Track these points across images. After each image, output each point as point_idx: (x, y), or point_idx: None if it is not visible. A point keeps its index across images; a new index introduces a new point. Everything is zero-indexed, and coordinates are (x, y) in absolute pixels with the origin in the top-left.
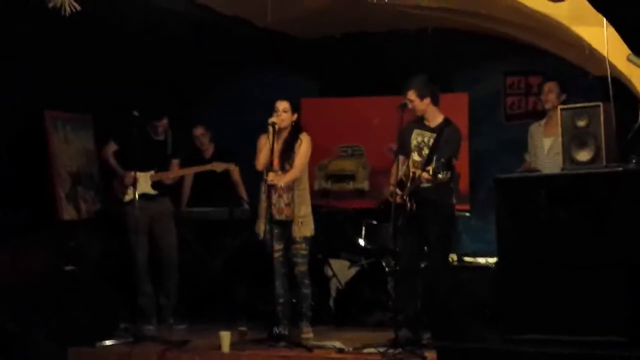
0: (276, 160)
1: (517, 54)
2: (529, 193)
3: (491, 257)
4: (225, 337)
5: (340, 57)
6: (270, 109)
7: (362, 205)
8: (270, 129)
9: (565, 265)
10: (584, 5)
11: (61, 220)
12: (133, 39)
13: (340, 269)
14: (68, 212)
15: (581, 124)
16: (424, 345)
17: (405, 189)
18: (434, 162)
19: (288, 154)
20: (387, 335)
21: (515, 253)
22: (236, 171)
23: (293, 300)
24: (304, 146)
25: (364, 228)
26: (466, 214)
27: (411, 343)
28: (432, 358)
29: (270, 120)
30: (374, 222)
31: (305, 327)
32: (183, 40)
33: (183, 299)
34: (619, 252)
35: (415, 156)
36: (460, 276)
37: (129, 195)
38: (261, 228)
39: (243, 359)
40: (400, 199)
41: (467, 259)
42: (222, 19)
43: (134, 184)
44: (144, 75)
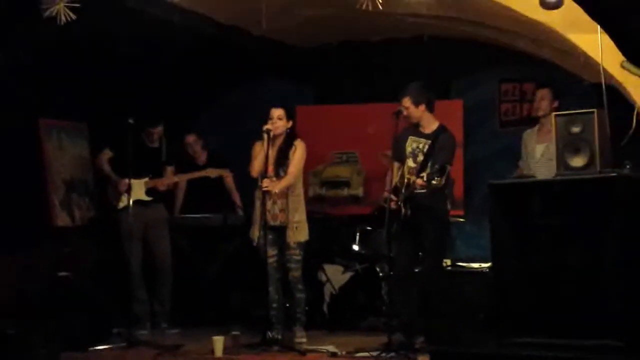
0: (271, 167)
1: (512, 61)
2: (523, 199)
3: (485, 263)
4: (218, 342)
5: (335, 65)
6: (265, 117)
7: (357, 211)
8: (265, 136)
9: (560, 270)
10: (578, 13)
11: (55, 227)
12: (128, 47)
13: (334, 274)
14: (62, 219)
15: (575, 130)
16: (417, 349)
17: (400, 195)
18: (428, 169)
19: (282, 160)
20: (381, 339)
21: (510, 258)
22: (230, 177)
23: (287, 305)
24: (298, 153)
25: (358, 234)
26: (461, 219)
27: (404, 347)
28: None
29: (265, 127)
30: (369, 228)
31: (298, 332)
32: (178, 48)
33: (177, 304)
34: (613, 257)
35: (410, 162)
36: (455, 281)
37: (123, 202)
38: (255, 234)
39: None
40: (395, 205)
41: (462, 264)
42: (218, 28)
43: (128, 191)
44: (139, 84)
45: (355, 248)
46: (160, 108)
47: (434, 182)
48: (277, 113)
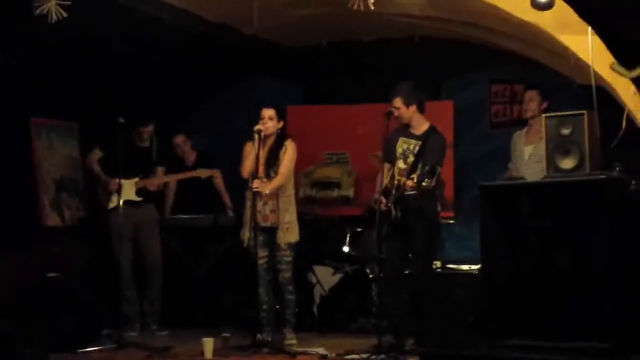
0: (261, 168)
1: (503, 62)
2: (513, 200)
3: (475, 264)
4: (208, 343)
5: (326, 65)
6: (256, 117)
7: (347, 212)
8: (256, 136)
9: (549, 272)
10: (569, 14)
11: (45, 227)
12: (119, 46)
13: (324, 276)
14: (52, 219)
15: (565, 132)
16: (407, 351)
17: (390, 197)
18: (418, 170)
19: (273, 161)
20: (371, 341)
21: (499, 260)
22: (219, 178)
23: (277, 307)
24: (288, 153)
25: (348, 235)
26: (451, 221)
27: (394, 349)
28: None
29: (255, 127)
30: (359, 229)
31: (288, 334)
32: (169, 47)
33: (167, 305)
34: (602, 260)
35: (401, 164)
36: (445, 283)
37: (113, 202)
38: (246, 235)
39: None
40: (385, 207)
41: (452, 266)
42: (208, 26)
43: (119, 191)
44: (129, 83)
45: (346, 249)
46: (151, 107)
47: (424, 184)
48: (268, 113)
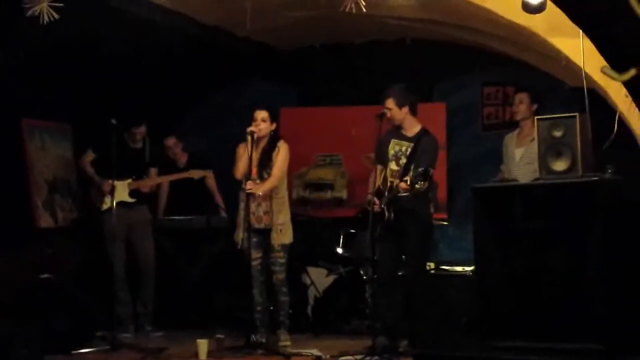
0: (254, 169)
1: (495, 65)
2: (506, 202)
3: (468, 266)
4: (202, 345)
5: (319, 67)
6: (249, 118)
7: (341, 214)
8: (249, 137)
9: (542, 273)
10: (561, 17)
11: (38, 228)
12: (112, 48)
13: (318, 277)
14: (45, 220)
15: (557, 134)
16: (400, 352)
17: (383, 198)
18: (411, 172)
19: (266, 162)
20: (365, 343)
21: (492, 261)
22: (211, 178)
23: (271, 308)
24: (281, 154)
25: (342, 236)
26: (444, 222)
27: (388, 351)
28: None
29: (248, 129)
30: (352, 231)
31: (282, 335)
32: (162, 49)
33: (160, 306)
34: (595, 261)
35: (393, 165)
36: (438, 284)
37: (106, 204)
38: (240, 236)
39: None
40: (378, 208)
41: (445, 267)
42: (202, 29)
43: (112, 192)
44: (123, 84)
45: (339, 251)
46: (144, 109)
47: (417, 186)
48: (261, 115)
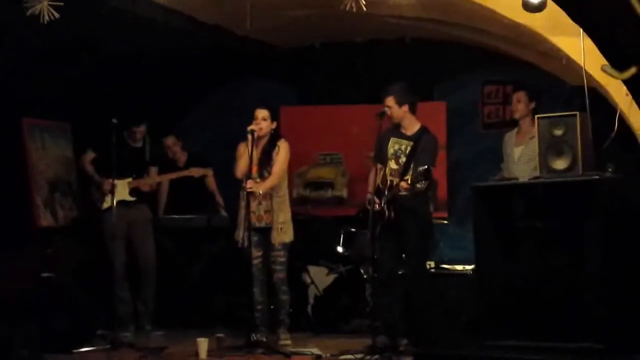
0: (255, 168)
1: (495, 64)
2: (506, 201)
3: (469, 265)
4: (203, 344)
5: (319, 66)
6: (249, 117)
7: (341, 212)
8: (249, 136)
9: (543, 272)
10: (561, 16)
11: (38, 227)
12: (112, 47)
13: (319, 276)
14: (45, 219)
15: (558, 133)
16: (401, 351)
17: (382, 197)
18: (411, 171)
19: (266, 161)
20: (365, 341)
21: (493, 260)
22: (211, 178)
23: (271, 307)
24: (281, 153)
25: (342, 235)
26: (444, 221)
27: (388, 349)
28: None
29: (249, 128)
30: (353, 230)
31: (283, 334)
32: (162, 49)
33: (161, 305)
34: (595, 260)
35: (393, 164)
36: (438, 283)
37: (107, 203)
38: (240, 235)
39: None
40: (378, 207)
41: (445, 266)
42: (202, 28)
43: (112, 192)
44: (123, 84)
45: (340, 250)
46: (144, 108)
47: (418, 186)
48: (262, 114)
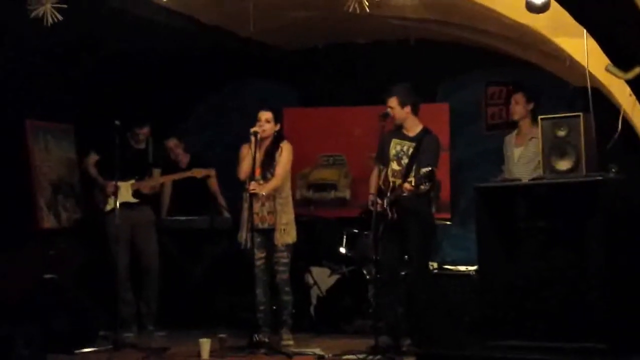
0: (258, 170)
1: (498, 65)
2: (509, 201)
3: (471, 265)
4: (205, 344)
5: (322, 67)
6: (251, 119)
7: (344, 214)
8: (253, 138)
9: (545, 272)
10: (564, 17)
11: (41, 229)
12: (114, 48)
13: (321, 277)
14: (48, 221)
15: (561, 133)
16: (403, 352)
17: (385, 199)
18: (413, 172)
19: (269, 163)
20: (367, 342)
21: (495, 260)
22: (214, 179)
23: (274, 308)
24: (284, 154)
25: (345, 236)
26: (447, 222)
27: (391, 350)
28: None
29: (252, 129)
30: (355, 231)
31: (285, 334)
32: (164, 50)
33: (163, 306)
34: (597, 260)
35: (395, 165)
36: (441, 284)
37: (110, 205)
38: (243, 237)
39: None
40: (381, 208)
41: (448, 267)
42: (204, 29)
43: (115, 193)
44: (125, 85)
45: (342, 251)
46: (146, 109)
47: (421, 187)
48: (265, 116)
